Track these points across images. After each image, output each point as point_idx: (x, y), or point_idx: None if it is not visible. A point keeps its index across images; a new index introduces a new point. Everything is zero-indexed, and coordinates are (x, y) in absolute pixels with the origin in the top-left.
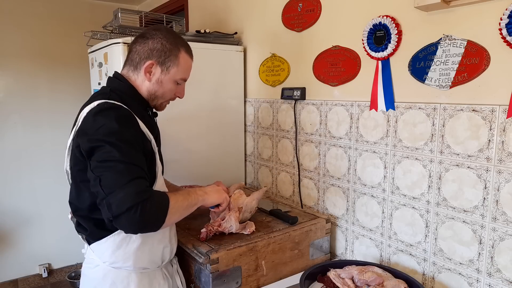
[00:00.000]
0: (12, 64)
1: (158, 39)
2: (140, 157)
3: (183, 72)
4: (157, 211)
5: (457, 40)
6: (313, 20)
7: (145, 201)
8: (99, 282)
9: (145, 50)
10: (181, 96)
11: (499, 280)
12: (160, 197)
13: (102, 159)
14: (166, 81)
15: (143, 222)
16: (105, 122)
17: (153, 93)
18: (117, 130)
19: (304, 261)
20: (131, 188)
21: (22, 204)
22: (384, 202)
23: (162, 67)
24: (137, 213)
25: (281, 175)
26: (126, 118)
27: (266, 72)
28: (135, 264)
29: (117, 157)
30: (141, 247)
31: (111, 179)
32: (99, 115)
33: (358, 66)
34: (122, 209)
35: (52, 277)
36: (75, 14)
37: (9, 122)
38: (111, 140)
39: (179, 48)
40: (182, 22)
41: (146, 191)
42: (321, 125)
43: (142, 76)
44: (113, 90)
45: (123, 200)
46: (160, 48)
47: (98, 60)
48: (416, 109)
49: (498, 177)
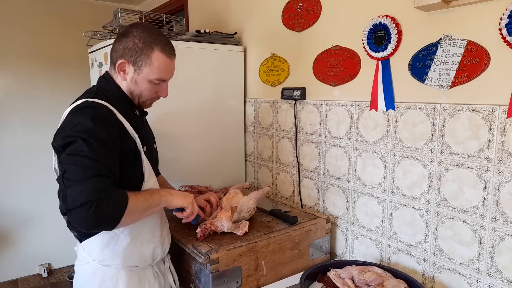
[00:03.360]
0: (12, 64)
1: (131, 38)
2: (110, 156)
3: (158, 72)
4: (112, 211)
5: (457, 40)
6: (313, 20)
7: (101, 199)
8: (88, 279)
9: (120, 48)
10: (164, 96)
11: (499, 280)
12: (118, 197)
13: (71, 152)
14: (140, 80)
15: (94, 220)
16: (81, 120)
17: (131, 92)
18: (91, 127)
19: (304, 261)
20: (90, 184)
21: (22, 204)
22: (384, 202)
23: (134, 66)
24: (90, 210)
25: (281, 175)
26: (102, 117)
27: (266, 72)
28: (124, 263)
29: (85, 152)
30: (130, 246)
31: (74, 172)
32: (77, 113)
33: (358, 66)
34: (76, 204)
35: (52, 277)
36: (75, 14)
37: (9, 122)
38: (83, 136)
39: (152, 47)
40: (182, 22)
41: (104, 189)
42: (321, 125)
43: (119, 75)
44: (99, 88)
45: (79, 195)
46: (132, 47)
47: (98, 60)
48: (416, 109)
49: (498, 177)
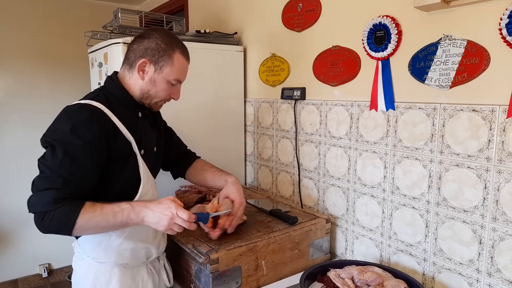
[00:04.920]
0: (12, 64)
1: (154, 39)
2: (77, 167)
3: (177, 73)
4: (57, 225)
5: (457, 40)
6: (313, 20)
7: (47, 213)
8: (83, 275)
9: (140, 49)
10: (176, 98)
11: (499, 280)
12: (64, 213)
13: (41, 158)
14: (159, 80)
15: (44, 229)
16: (62, 126)
17: (146, 91)
18: (67, 135)
19: (304, 261)
20: (42, 197)
21: (22, 204)
22: (384, 202)
23: (156, 66)
24: (39, 220)
25: (281, 175)
26: (86, 123)
27: (266, 72)
28: (117, 261)
29: (48, 163)
30: (123, 245)
31: (36, 181)
32: (63, 115)
33: (358, 66)
34: (31, 211)
35: (52, 277)
36: (75, 14)
37: (9, 122)
38: (54, 144)
39: (173, 49)
40: (182, 22)
41: (52, 203)
42: (321, 125)
43: (136, 75)
44: (103, 90)
45: (33, 204)
46: (155, 47)
47: (98, 60)
48: (416, 109)
49: (498, 177)
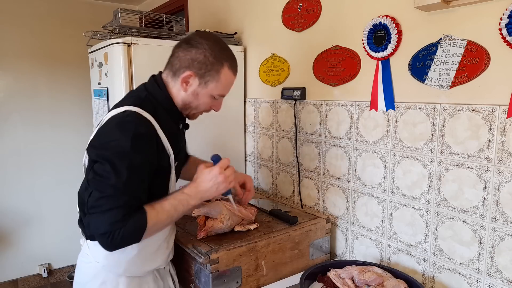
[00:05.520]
0: (12, 64)
1: (203, 50)
2: (138, 182)
3: (222, 89)
4: (129, 238)
5: (457, 40)
6: (313, 20)
7: (117, 230)
8: (90, 279)
9: (187, 59)
10: (216, 110)
11: (499, 280)
12: (133, 227)
13: (98, 176)
14: (202, 94)
15: (114, 246)
16: (119, 138)
17: (188, 103)
18: (127, 151)
19: (304, 261)
20: (108, 217)
21: (22, 204)
22: (384, 202)
23: (201, 80)
24: (108, 240)
25: (281, 175)
26: (142, 137)
27: (266, 72)
28: (126, 272)
29: (111, 180)
30: (135, 258)
31: (96, 199)
32: (118, 127)
33: (358, 66)
34: (97, 233)
35: (52, 277)
36: (75, 14)
37: (9, 121)
38: (114, 161)
39: (222, 63)
40: (182, 22)
41: (121, 221)
42: (321, 125)
43: (178, 85)
44: (149, 96)
45: (98, 225)
46: (202, 60)
47: (98, 60)
48: (416, 109)
49: (498, 177)
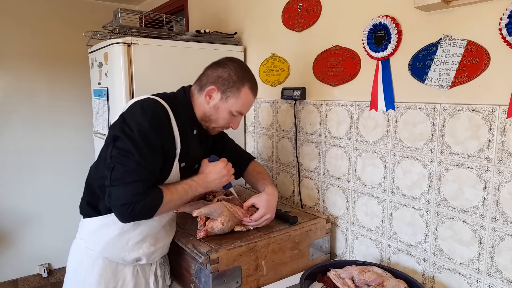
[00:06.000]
0: (12, 63)
1: (228, 70)
2: (156, 160)
3: (241, 106)
4: (146, 211)
5: (457, 40)
6: (313, 20)
7: (137, 202)
8: (72, 255)
9: (213, 76)
10: (234, 128)
11: (499, 280)
12: (152, 200)
13: (121, 151)
14: (222, 108)
15: (131, 218)
16: (140, 117)
17: (208, 115)
18: (146, 130)
19: (304, 261)
20: (131, 188)
21: (22, 204)
22: (384, 202)
23: (223, 95)
24: (127, 210)
25: (281, 175)
26: (160, 120)
27: (266, 72)
28: (104, 252)
29: (134, 156)
30: (115, 239)
31: (120, 173)
32: (139, 108)
33: (358, 66)
34: (118, 203)
35: (52, 277)
36: (75, 14)
37: (9, 121)
38: (136, 139)
39: (244, 83)
40: (182, 22)
41: (142, 193)
42: (321, 125)
43: (202, 97)
44: (173, 97)
45: (121, 196)
46: (226, 78)
47: (98, 60)
48: (416, 109)
49: (498, 177)
